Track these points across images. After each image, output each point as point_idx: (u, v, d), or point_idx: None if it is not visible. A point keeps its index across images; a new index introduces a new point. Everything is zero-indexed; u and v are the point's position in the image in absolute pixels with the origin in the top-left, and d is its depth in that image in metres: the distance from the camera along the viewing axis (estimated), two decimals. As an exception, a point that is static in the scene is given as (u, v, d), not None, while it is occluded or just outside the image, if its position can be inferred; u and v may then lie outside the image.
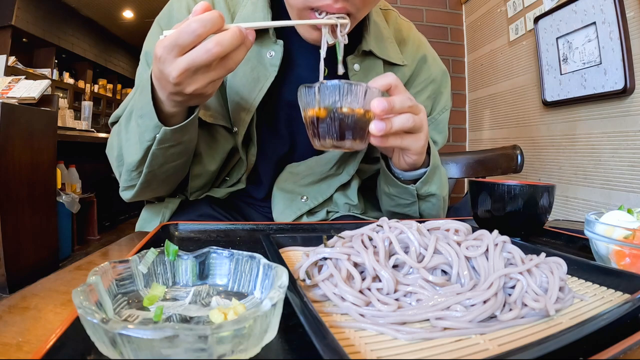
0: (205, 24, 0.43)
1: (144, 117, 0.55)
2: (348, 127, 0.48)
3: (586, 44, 1.51)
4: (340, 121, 0.48)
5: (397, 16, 0.81)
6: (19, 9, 4.09)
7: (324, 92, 0.47)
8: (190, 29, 0.43)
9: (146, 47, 0.71)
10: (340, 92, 0.47)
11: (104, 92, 6.20)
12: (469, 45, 2.36)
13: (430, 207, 0.70)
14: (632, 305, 0.29)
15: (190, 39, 0.44)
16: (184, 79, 0.46)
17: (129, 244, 0.56)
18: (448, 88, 0.82)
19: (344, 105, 0.47)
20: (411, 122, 0.52)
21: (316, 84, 0.48)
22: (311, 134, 0.51)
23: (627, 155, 1.39)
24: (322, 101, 0.48)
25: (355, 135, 0.49)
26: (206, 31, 0.43)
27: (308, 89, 0.48)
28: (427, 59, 0.79)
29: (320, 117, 0.48)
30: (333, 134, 0.48)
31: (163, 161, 0.60)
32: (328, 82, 0.47)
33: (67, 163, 2.83)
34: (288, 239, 0.48)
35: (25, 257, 2.04)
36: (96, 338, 0.21)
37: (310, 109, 0.49)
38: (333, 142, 0.49)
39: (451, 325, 0.28)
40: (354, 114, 0.48)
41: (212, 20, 0.43)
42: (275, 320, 0.25)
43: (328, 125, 0.48)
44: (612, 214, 0.47)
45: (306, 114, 0.50)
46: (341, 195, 0.77)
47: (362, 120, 0.49)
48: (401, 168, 0.63)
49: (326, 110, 0.48)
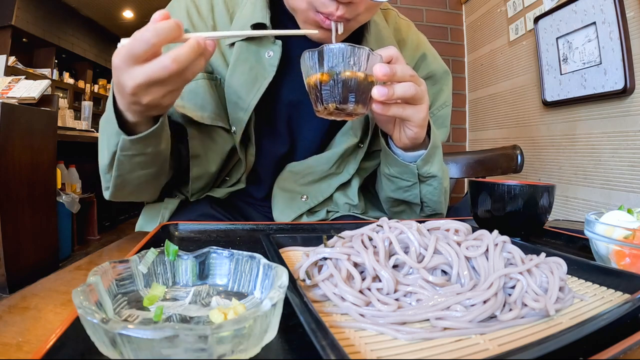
0: (159, 34, 0.42)
1: (110, 122, 0.54)
2: (351, 89, 0.48)
3: (586, 44, 1.51)
4: (343, 83, 0.48)
5: (397, 15, 0.81)
6: (19, 9, 4.09)
7: (328, 54, 0.48)
8: (144, 38, 0.42)
9: None
10: (343, 55, 0.48)
11: (104, 92, 6.20)
12: (469, 45, 2.36)
13: (432, 191, 0.69)
14: (632, 305, 0.29)
15: (143, 49, 0.43)
16: (140, 90, 0.46)
17: (129, 244, 0.56)
18: (449, 86, 0.82)
19: (346, 68, 0.48)
20: (413, 90, 0.52)
21: (319, 48, 0.48)
22: (314, 99, 0.51)
23: (627, 155, 1.39)
24: (326, 64, 0.48)
25: (357, 98, 0.49)
26: (160, 41, 0.42)
27: (311, 53, 0.49)
28: (427, 57, 0.79)
29: (323, 80, 0.49)
30: (336, 96, 0.49)
31: (130, 168, 0.59)
32: (331, 45, 0.48)
33: (67, 163, 2.83)
34: (288, 239, 0.48)
35: (25, 257, 2.04)
36: (96, 338, 0.21)
37: (313, 72, 0.50)
38: (336, 105, 0.49)
39: (451, 325, 0.28)
40: (356, 77, 0.48)
41: (168, 30, 0.42)
42: (275, 320, 0.25)
43: (331, 88, 0.48)
44: (612, 214, 0.47)
45: (310, 79, 0.50)
46: (341, 195, 0.77)
47: (364, 84, 0.49)
48: (402, 145, 0.62)
49: (329, 73, 0.48)
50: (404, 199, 0.71)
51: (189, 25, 0.68)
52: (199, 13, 0.69)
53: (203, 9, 0.69)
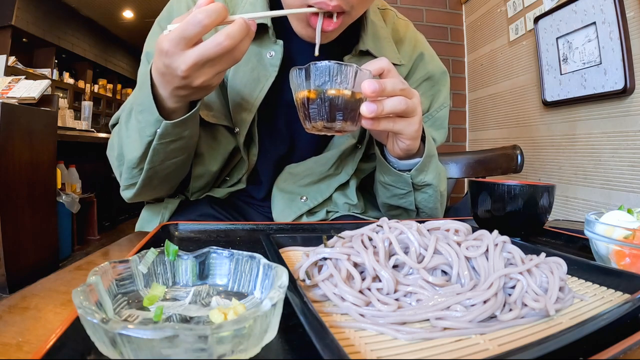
0: (211, 15, 0.43)
1: (144, 113, 0.55)
2: (338, 108, 0.48)
3: (586, 44, 1.51)
4: (330, 102, 0.48)
5: (395, 15, 0.81)
6: (19, 9, 4.09)
7: (314, 73, 0.47)
8: (196, 19, 0.43)
9: (147, 47, 0.71)
10: (330, 73, 0.47)
11: (104, 92, 6.20)
12: (469, 45, 2.36)
13: (427, 198, 0.69)
14: (632, 305, 0.29)
15: (196, 31, 0.44)
16: (193, 72, 0.47)
17: (129, 244, 0.56)
18: (447, 87, 0.81)
19: (334, 86, 0.47)
20: (403, 105, 0.51)
21: (306, 66, 0.48)
22: (302, 117, 0.51)
23: (627, 155, 1.39)
24: (312, 82, 0.48)
25: (345, 116, 0.49)
26: (212, 22, 0.44)
27: (299, 71, 0.49)
28: (424, 57, 0.79)
29: (310, 98, 0.48)
30: (323, 115, 0.48)
31: (164, 157, 0.60)
32: (318, 63, 0.47)
33: (67, 163, 2.83)
34: (288, 239, 0.48)
35: (25, 257, 2.04)
36: (96, 338, 0.21)
37: (301, 90, 0.49)
38: (324, 124, 0.49)
39: (451, 325, 0.28)
40: (343, 95, 0.48)
41: (217, 11, 0.44)
42: (275, 320, 0.25)
43: (318, 107, 0.48)
44: (612, 214, 0.47)
45: (297, 96, 0.50)
46: (340, 195, 0.77)
47: (352, 101, 0.48)
48: (396, 155, 0.62)
49: (316, 91, 0.48)
50: (399, 205, 0.71)
51: None
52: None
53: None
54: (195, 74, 0.47)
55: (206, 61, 0.46)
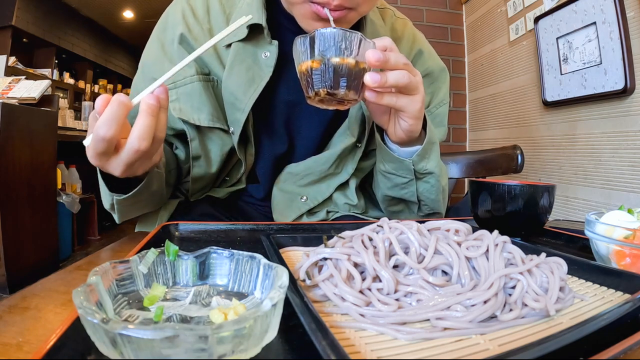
0: (111, 125, 0.43)
1: (101, 183, 0.57)
2: (342, 74, 0.48)
3: (586, 44, 1.51)
4: (334, 68, 0.47)
5: (393, 14, 0.81)
6: (19, 9, 4.09)
7: (320, 39, 0.47)
8: (99, 136, 0.43)
9: (144, 58, 0.71)
10: (335, 40, 0.47)
11: (104, 92, 6.19)
12: (469, 45, 2.36)
13: (429, 189, 0.67)
14: (632, 305, 0.29)
15: (106, 147, 0.44)
16: (128, 170, 0.48)
17: (129, 244, 0.56)
18: (446, 84, 0.81)
19: (338, 53, 0.47)
20: (407, 79, 0.51)
21: (311, 34, 0.48)
22: (305, 85, 0.50)
23: (628, 155, 1.39)
24: (317, 49, 0.47)
25: (349, 84, 0.49)
26: (115, 132, 0.43)
27: (303, 39, 0.48)
28: (423, 54, 0.78)
29: (314, 65, 0.48)
30: (327, 81, 0.48)
31: (130, 209, 0.62)
32: (323, 29, 0.47)
33: (68, 163, 2.83)
34: (288, 239, 0.48)
35: (25, 257, 2.04)
36: (96, 338, 0.21)
37: (304, 58, 0.49)
38: (327, 90, 0.48)
39: (451, 326, 0.28)
40: (347, 62, 0.48)
41: (116, 116, 0.43)
42: (276, 321, 0.25)
43: (322, 73, 0.48)
44: (612, 214, 0.47)
45: (301, 65, 0.50)
46: (341, 195, 0.77)
47: (356, 69, 0.48)
48: (397, 138, 0.61)
49: (321, 57, 0.47)
50: (401, 196, 0.70)
51: (185, 28, 0.67)
52: (195, 16, 0.68)
53: (199, 11, 0.69)
54: (131, 170, 0.49)
55: (134, 162, 0.47)
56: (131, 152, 0.45)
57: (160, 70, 0.68)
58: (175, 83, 0.66)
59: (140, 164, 0.49)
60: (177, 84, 0.66)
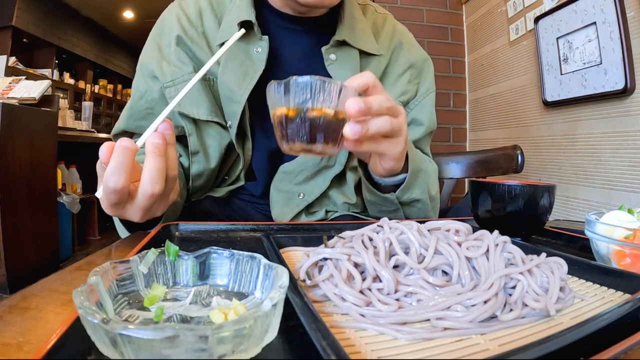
0: (119, 173, 0.42)
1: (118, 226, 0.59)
2: (319, 128, 0.43)
3: (586, 44, 1.51)
4: (311, 122, 0.43)
5: (375, 10, 0.82)
6: (19, 9, 4.09)
7: (295, 88, 0.42)
8: (111, 187, 0.42)
9: (142, 59, 0.73)
10: (312, 90, 0.42)
11: (104, 92, 6.20)
12: (469, 45, 2.36)
13: (417, 211, 0.69)
14: (632, 305, 0.29)
15: (119, 196, 0.43)
16: (146, 214, 0.47)
17: (129, 244, 0.56)
18: (431, 74, 0.82)
19: (315, 104, 0.43)
20: (389, 126, 0.48)
21: (286, 80, 0.43)
22: (279, 136, 0.46)
23: (628, 155, 1.39)
24: (292, 99, 0.43)
25: (327, 138, 0.44)
26: (125, 180, 0.42)
27: (277, 86, 0.44)
28: (403, 46, 0.79)
29: (289, 117, 0.44)
30: (303, 136, 0.44)
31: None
32: (299, 78, 0.43)
33: (68, 163, 2.83)
34: (288, 239, 0.48)
35: (25, 257, 2.04)
36: (96, 338, 0.21)
37: (279, 107, 0.44)
38: (303, 146, 0.45)
39: (452, 326, 0.28)
40: (326, 115, 0.43)
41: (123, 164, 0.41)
42: (276, 321, 0.24)
43: (297, 126, 0.43)
44: (612, 214, 0.47)
45: (274, 113, 0.45)
46: (339, 194, 0.77)
47: (335, 121, 0.44)
48: (378, 174, 0.60)
49: (296, 109, 0.43)
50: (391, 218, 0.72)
51: (181, 30, 0.70)
52: (189, 20, 0.71)
53: (192, 16, 0.72)
54: (150, 213, 0.48)
55: (151, 205, 0.46)
56: (146, 198, 0.44)
57: (159, 70, 0.69)
58: (174, 81, 0.69)
59: (157, 206, 0.48)
60: (176, 82, 0.68)
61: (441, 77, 2.33)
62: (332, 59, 0.71)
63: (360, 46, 0.73)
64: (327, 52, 0.71)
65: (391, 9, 2.27)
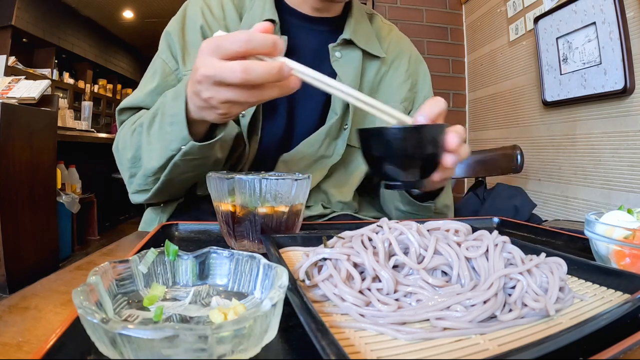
0: (249, 41, 0.41)
1: (174, 125, 0.54)
2: (269, 228, 0.45)
3: (586, 44, 1.51)
4: (261, 225, 0.44)
5: (381, 20, 0.87)
6: (19, 9, 4.09)
7: (239, 188, 0.43)
8: (235, 39, 0.41)
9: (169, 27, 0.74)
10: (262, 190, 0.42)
11: (104, 92, 6.19)
12: (469, 45, 2.36)
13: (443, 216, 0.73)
14: (632, 305, 0.29)
15: (229, 48, 0.41)
16: (205, 80, 0.45)
17: (129, 244, 0.56)
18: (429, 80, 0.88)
19: (265, 202, 0.43)
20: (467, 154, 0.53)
21: (229, 178, 0.44)
22: (225, 232, 0.46)
23: (627, 155, 1.39)
24: (236, 198, 0.44)
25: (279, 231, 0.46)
26: (248, 49, 0.41)
27: (219, 180, 0.43)
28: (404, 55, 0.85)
29: (236, 216, 0.44)
30: (250, 234, 0.44)
31: (183, 171, 0.60)
32: (242, 177, 0.43)
33: (67, 163, 2.83)
34: (288, 239, 0.48)
35: (25, 257, 2.03)
36: (96, 338, 0.21)
37: (223, 202, 0.45)
38: (256, 247, 0.46)
39: (451, 326, 0.28)
40: (277, 212, 0.43)
41: (260, 42, 0.41)
42: (275, 321, 0.25)
43: (247, 227, 0.44)
44: (612, 214, 0.47)
45: (219, 207, 0.45)
46: (335, 191, 0.78)
47: (290, 220, 0.45)
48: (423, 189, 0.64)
49: (243, 208, 0.43)
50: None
51: (204, 22, 0.72)
52: (212, 13, 0.74)
53: (215, 10, 0.74)
54: (206, 84, 0.45)
55: (218, 81, 0.43)
56: (228, 68, 0.41)
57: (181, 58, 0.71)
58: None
59: (236, 110, 0.47)
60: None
61: (441, 77, 2.33)
62: (338, 56, 0.75)
63: (364, 47, 0.77)
64: (334, 50, 0.75)
65: (391, 9, 2.28)
